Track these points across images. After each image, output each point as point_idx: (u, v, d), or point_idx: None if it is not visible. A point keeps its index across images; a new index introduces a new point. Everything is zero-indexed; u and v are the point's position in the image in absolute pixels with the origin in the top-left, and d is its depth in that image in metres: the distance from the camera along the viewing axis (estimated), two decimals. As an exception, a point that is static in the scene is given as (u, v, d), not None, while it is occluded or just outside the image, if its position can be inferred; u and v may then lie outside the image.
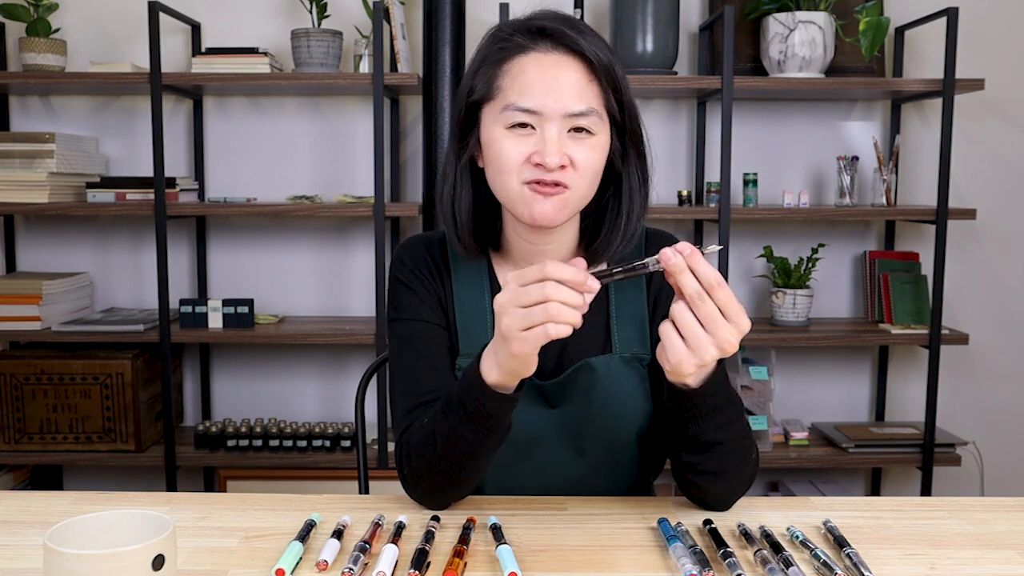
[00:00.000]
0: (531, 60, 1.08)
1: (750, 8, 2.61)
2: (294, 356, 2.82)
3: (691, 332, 0.91)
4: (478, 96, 1.11)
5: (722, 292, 0.91)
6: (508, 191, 1.09)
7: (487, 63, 1.11)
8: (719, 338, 0.91)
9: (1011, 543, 1.02)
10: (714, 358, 0.92)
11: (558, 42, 1.08)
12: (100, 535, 0.82)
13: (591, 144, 1.08)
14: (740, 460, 1.06)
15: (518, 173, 1.08)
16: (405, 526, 1.02)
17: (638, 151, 1.14)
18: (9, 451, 2.55)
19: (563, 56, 1.08)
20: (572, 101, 1.06)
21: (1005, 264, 2.85)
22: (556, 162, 1.05)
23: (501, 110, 1.08)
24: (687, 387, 0.99)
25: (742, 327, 0.92)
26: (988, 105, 2.78)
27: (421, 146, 2.69)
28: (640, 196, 1.15)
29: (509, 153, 1.08)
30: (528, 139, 1.07)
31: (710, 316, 0.91)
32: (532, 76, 1.07)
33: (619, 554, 0.98)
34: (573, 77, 1.07)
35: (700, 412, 1.00)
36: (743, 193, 2.65)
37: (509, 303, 0.93)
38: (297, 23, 2.71)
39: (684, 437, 1.04)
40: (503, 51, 1.10)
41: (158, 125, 2.44)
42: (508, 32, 1.12)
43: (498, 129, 1.09)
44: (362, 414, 1.50)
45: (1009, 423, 2.88)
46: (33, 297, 2.51)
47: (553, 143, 1.06)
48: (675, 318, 0.93)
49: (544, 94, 1.06)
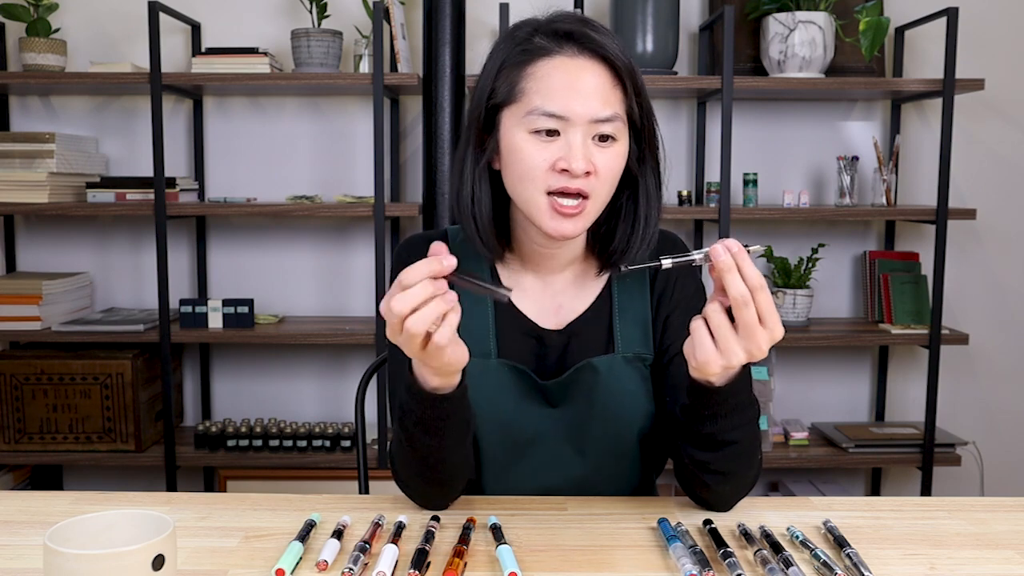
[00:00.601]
0: (556, 64, 1.07)
1: (750, 8, 2.61)
2: (294, 356, 2.82)
3: (722, 335, 0.91)
4: (500, 99, 1.10)
5: (763, 296, 0.90)
6: (529, 200, 1.08)
7: (508, 65, 1.09)
8: (751, 344, 0.90)
9: (1011, 543, 1.02)
10: (741, 363, 0.91)
11: (583, 46, 1.07)
12: (100, 535, 0.82)
13: (614, 151, 1.08)
14: (749, 461, 1.06)
15: (543, 180, 1.06)
16: (405, 526, 1.02)
17: (654, 155, 1.14)
18: (9, 451, 2.55)
19: (588, 61, 1.07)
20: (598, 107, 1.05)
21: (1005, 264, 2.85)
22: (583, 167, 1.04)
23: (525, 114, 1.07)
24: (711, 385, 0.98)
25: (775, 334, 0.91)
26: (988, 105, 2.78)
27: (421, 146, 2.69)
28: (656, 200, 1.15)
29: (533, 159, 1.06)
30: (552, 145, 1.06)
31: (748, 321, 0.89)
32: (557, 80, 1.06)
33: (619, 554, 0.98)
34: (598, 82, 1.06)
35: (720, 411, 1.00)
36: (743, 193, 2.65)
37: (385, 315, 0.92)
38: (297, 23, 2.71)
39: (700, 435, 1.03)
40: (526, 53, 1.08)
41: (158, 125, 2.44)
42: (528, 33, 1.10)
43: (521, 134, 1.07)
44: (362, 414, 1.50)
45: (1009, 423, 2.88)
46: (33, 297, 2.51)
47: (579, 148, 1.05)
48: (708, 318, 0.92)
49: (570, 98, 1.05)
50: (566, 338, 1.19)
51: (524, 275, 1.22)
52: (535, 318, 1.20)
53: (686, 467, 1.08)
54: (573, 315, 1.20)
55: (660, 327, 1.21)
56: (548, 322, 1.20)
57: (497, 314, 1.19)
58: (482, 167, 1.14)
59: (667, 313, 1.21)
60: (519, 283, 1.21)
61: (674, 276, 1.22)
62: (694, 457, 1.05)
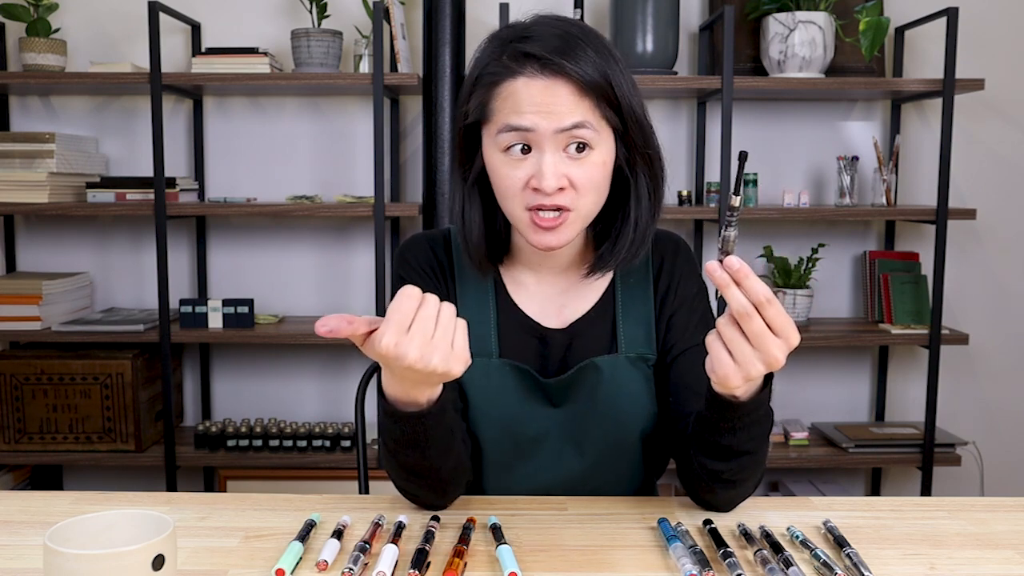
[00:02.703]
0: (520, 84, 1.06)
1: (750, 8, 2.61)
2: (294, 356, 2.82)
3: (737, 348, 0.89)
4: (473, 119, 1.11)
5: (771, 308, 0.87)
6: (513, 215, 1.10)
7: (480, 85, 1.10)
8: (766, 354, 0.88)
9: (1011, 543, 1.02)
10: (760, 373, 0.90)
11: (544, 66, 1.05)
12: (100, 535, 0.82)
13: (591, 161, 1.07)
14: (759, 468, 1.06)
15: (520, 199, 1.07)
16: (405, 526, 1.02)
17: (643, 157, 1.12)
18: (9, 451, 2.55)
19: (550, 80, 1.05)
20: (563, 116, 1.04)
21: (1005, 264, 2.85)
22: (553, 185, 1.04)
23: (496, 133, 1.08)
24: (736, 399, 0.97)
25: (791, 342, 0.89)
26: (988, 105, 2.78)
27: (421, 146, 2.69)
28: (649, 203, 1.14)
29: (508, 179, 1.08)
30: (525, 163, 1.07)
31: (757, 332, 0.88)
32: (522, 97, 1.05)
33: (619, 554, 0.98)
34: (562, 95, 1.05)
35: (740, 424, 0.99)
36: (743, 193, 2.65)
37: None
38: (297, 23, 2.71)
39: (717, 446, 1.02)
40: (493, 75, 1.08)
41: (158, 125, 2.44)
42: (498, 49, 1.09)
43: (496, 154, 1.08)
44: (362, 414, 1.50)
45: (1009, 423, 2.88)
46: (33, 297, 2.51)
47: (549, 166, 1.05)
48: (721, 332, 0.91)
49: (535, 113, 1.05)
50: (569, 338, 1.19)
51: (527, 274, 1.22)
52: (538, 317, 1.20)
53: (694, 473, 1.07)
54: (576, 315, 1.20)
55: (663, 327, 1.21)
56: (551, 321, 1.20)
57: (499, 313, 1.19)
58: (470, 185, 1.15)
59: (670, 313, 1.21)
60: (522, 283, 1.22)
61: (677, 276, 1.22)
62: (707, 466, 1.04)
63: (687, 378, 1.17)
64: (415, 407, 0.96)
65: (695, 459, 1.06)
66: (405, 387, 0.94)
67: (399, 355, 0.86)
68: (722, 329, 0.91)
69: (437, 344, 0.87)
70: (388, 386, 0.96)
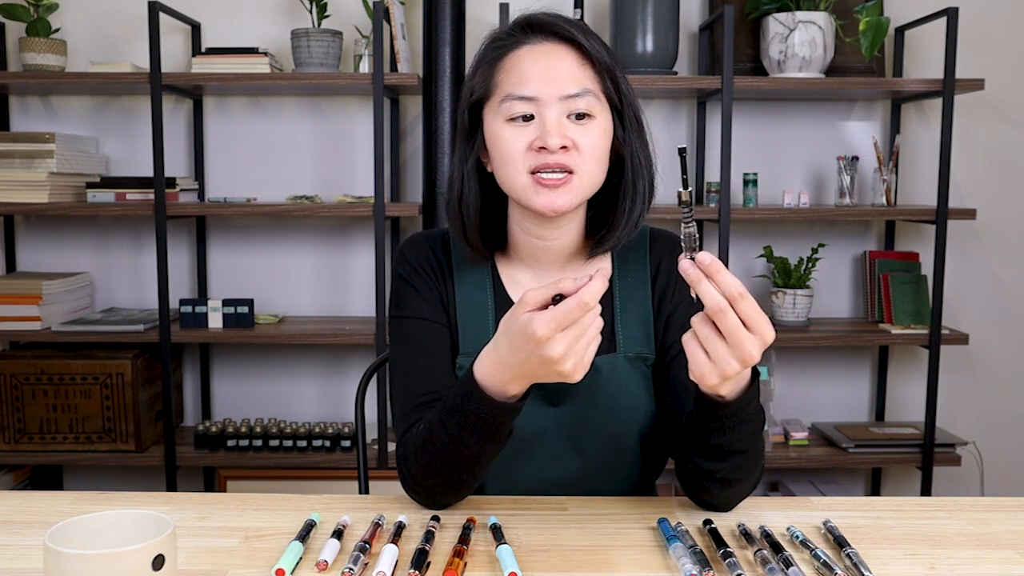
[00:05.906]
0: (524, 52, 1.11)
1: (750, 8, 2.61)
2: (294, 356, 2.82)
3: (712, 346, 0.89)
4: (478, 95, 1.14)
5: (744, 304, 0.88)
6: (514, 182, 1.11)
7: (484, 63, 1.14)
8: (741, 351, 0.88)
9: (1011, 543, 1.02)
10: (736, 371, 0.90)
11: (549, 32, 1.11)
12: (100, 535, 0.82)
13: (593, 126, 1.10)
14: (754, 467, 1.06)
15: (524, 161, 1.09)
16: (405, 526, 1.02)
17: (638, 136, 1.16)
18: (9, 451, 2.55)
19: (555, 45, 1.10)
20: (567, 84, 1.09)
21: (1005, 264, 2.85)
22: (557, 143, 1.07)
23: (500, 103, 1.10)
24: (721, 398, 0.97)
25: (766, 338, 0.89)
26: (988, 105, 2.78)
27: (421, 146, 2.69)
28: (643, 180, 1.17)
29: (512, 143, 1.09)
30: (528, 128, 1.09)
31: (731, 329, 0.88)
32: (526, 65, 1.10)
33: (619, 554, 0.98)
34: (566, 62, 1.10)
35: (729, 423, 0.99)
36: (743, 193, 2.65)
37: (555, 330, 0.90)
38: (297, 23, 2.71)
39: (708, 446, 1.02)
40: (498, 50, 1.13)
41: (158, 125, 2.44)
42: (499, 32, 1.15)
43: (499, 123, 1.11)
44: (362, 414, 1.50)
45: (1009, 423, 2.88)
46: (33, 297, 2.51)
47: (553, 125, 1.07)
48: (696, 330, 0.91)
49: (539, 80, 1.08)
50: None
51: (524, 271, 1.22)
52: (536, 316, 1.20)
53: (690, 473, 1.08)
54: None
55: (662, 326, 1.21)
56: None
57: (497, 311, 1.20)
58: (471, 166, 1.16)
59: (668, 312, 1.21)
60: (519, 280, 1.22)
61: (675, 276, 1.22)
62: (700, 466, 1.05)
63: (685, 378, 1.17)
64: (503, 397, 0.98)
65: (690, 459, 1.06)
66: (513, 375, 0.95)
67: (547, 346, 0.89)
68: (697, 327, 0.91)
69: (579, 350, 0.90)
70: (490, 369, 0.97)
